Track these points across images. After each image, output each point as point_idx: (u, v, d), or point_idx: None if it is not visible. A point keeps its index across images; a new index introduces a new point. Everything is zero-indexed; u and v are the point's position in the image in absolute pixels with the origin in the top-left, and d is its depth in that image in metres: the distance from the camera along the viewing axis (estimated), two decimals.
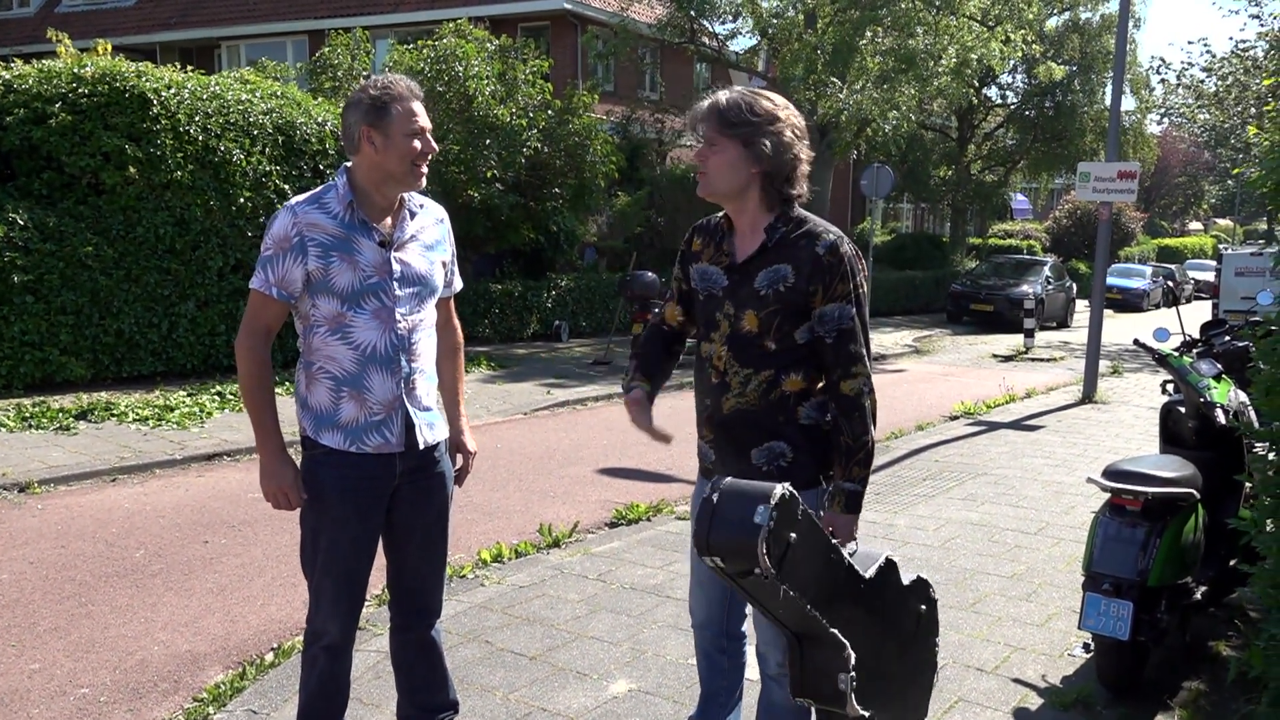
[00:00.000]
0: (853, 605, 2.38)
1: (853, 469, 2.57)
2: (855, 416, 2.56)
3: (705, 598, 2.89)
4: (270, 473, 2.78)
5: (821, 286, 2.55)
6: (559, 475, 7.57)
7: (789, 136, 2.56)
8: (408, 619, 3.06)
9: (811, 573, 2.27)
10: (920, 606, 2.66)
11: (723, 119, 2.53)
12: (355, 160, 2.76)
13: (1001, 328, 21.58)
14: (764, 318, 2.58)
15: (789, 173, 2.58)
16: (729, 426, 2.66)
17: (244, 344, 2.77)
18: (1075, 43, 27.59)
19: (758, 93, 2.60)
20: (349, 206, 2.73)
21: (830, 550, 2.32)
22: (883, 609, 2.51)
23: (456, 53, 13.83)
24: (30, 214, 9.34)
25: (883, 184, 17.91)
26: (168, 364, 10.34)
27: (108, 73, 9.83)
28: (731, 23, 20.47)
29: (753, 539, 2.12)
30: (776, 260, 2.58)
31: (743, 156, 2.54)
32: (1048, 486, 7.31)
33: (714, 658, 2.95)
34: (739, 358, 2.62)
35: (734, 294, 2.63)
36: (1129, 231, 40.56)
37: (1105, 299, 27.77)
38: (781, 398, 2.61)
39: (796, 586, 2.22)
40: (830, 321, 2.56)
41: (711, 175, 2.58)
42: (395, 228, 2.80)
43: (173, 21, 24.77)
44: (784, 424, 2.62)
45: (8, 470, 6.83)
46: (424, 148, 2.73)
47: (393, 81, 2.73)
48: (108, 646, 4.26)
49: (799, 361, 2.60)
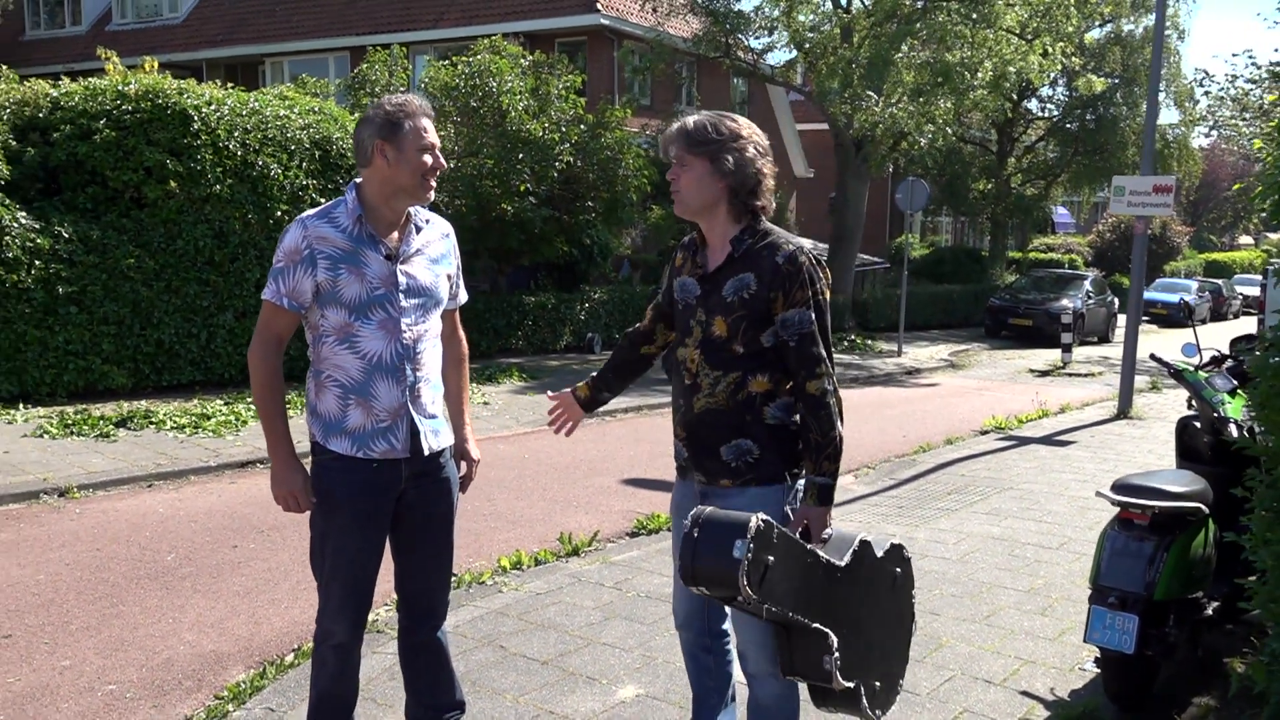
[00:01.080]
0: (831, 593, 2.57)
1: (823, 464, 2.70)
2: (822, 414, 2.70)
3: (686, 596, 2.99)
4: (280, 477, 2.89)
5: (782, 293, 2.71)
6: (583, 485, 7.65)
7: (751, 152, 2.74)
8: (414, 621, 3.14)
9: (791, 585, 2.45)
10: (895, 569, 2.84)
11: (690, 139, 2.74)
12: (366, 174, 2.87)
13: (1040, 342, 21.37)
14: (732, 323, 2.75)
15: (753, 185, 2.76)
16: (699, 425, 2.82)
17: (256, 352, 2.88)
18: (1117, 55, 27.31)
19: (722, 115, 2.79)
20: (358, 221, 2.84)
21: (806, 556, 2.45)
22: (860, 589, 2.69)
23: (490, 69, 14.04)
24: (75, 227, 9.63)
25: (918, 198, 17.86)
26: (206, 373, 10.58)
27: (150, 90, 10.12)
28: (767, 37, 20.52)
29: (734, 570, 2.32)
30: (742, 269, 2.75)
31: (710, 172, 2.73)
32: (1074, 501, 7.26)
33: (699, 658, 3.04)
34: (709, 360, 2.79)
35: (705, 301, 2.81)
36: (1174, 246, 40.00)
37: (1149, 314, 27.25)
38: (748, 398, 2.76)
39: (777, 602, 2.41)
40: (792, 326, 2.72)
41: (684, 193, 2.78)
42: (402, 241, 2.90)
43: (219, 39, 25.32)
44: (750, 422, 2.77)
45: (49, 475, 7.04)
46: (434, 163, 2.85)
47: (406, 100, 2.85)
48: (136, 645, 4.40)
49: (765, 365, 2.76)
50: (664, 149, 2.82)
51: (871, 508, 7.06)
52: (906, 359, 17.64)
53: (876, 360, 17.28)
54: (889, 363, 16.98)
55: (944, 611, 4.90)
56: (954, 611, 4.92)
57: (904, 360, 17.43)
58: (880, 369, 16.21)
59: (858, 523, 6.58)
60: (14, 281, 9.15)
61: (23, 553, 5.60)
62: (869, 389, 14.14)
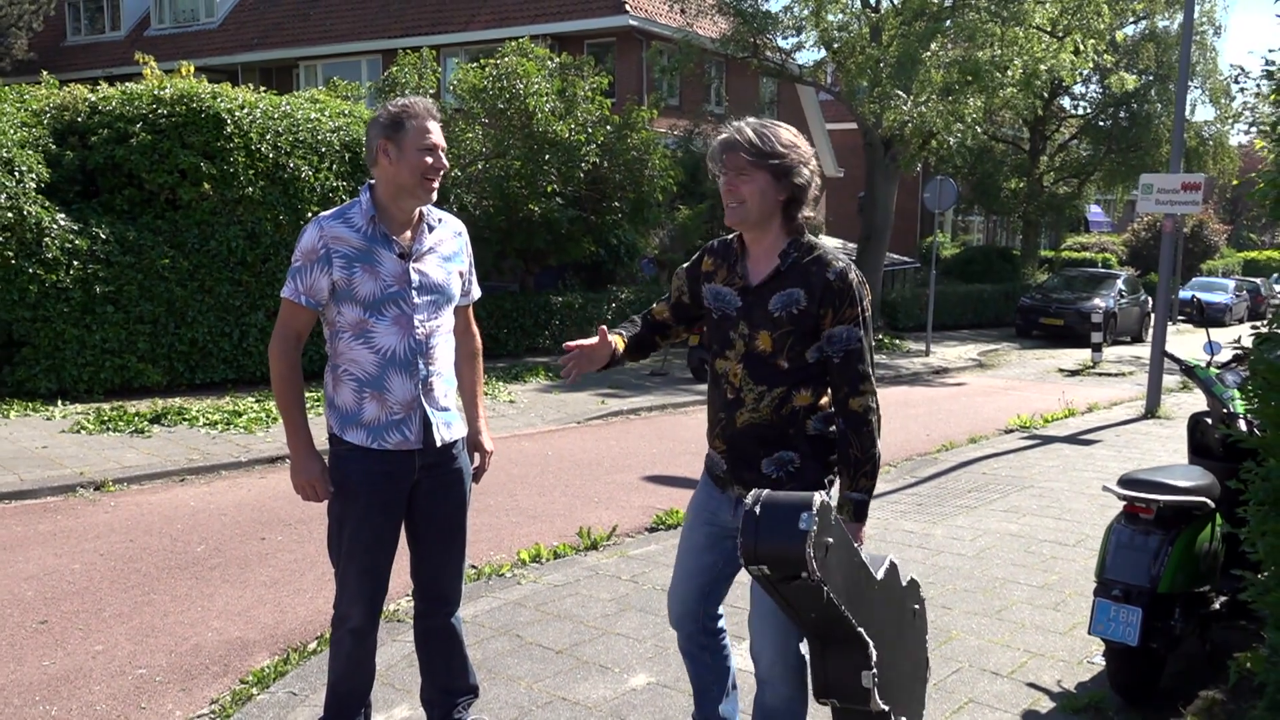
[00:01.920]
0: (870, 605, 2.51)
1: (860, 480, 2.70)
2: (864, 431, 2.69)
3: (680, 596, 3.03)
4: (299, 467, 3.02)
5: (831, 310, 2.69)
6: (605, 481, 7.75)
7: (813, 165, 2.72)
8: (429, 606, 3.26)
9: (844, 575, 2.40)
10: (914, 606, 2.79)
11: (754, 150, 2.66)
12: (376, 174, 2.99)
13: (1071, 342, 21.21)
14: (777, 338, 2.72)
15: (805, 198, 2.73)
16: (742, 439, 2.80)
17: (276, 348, 3.01)
18: (1151, 51, 27.02)
19: (776, 124, 2.73)
20: (371, 221, 2.96)
21: (854, 555, 2.45)
22: (893, 609, 2.64)
23: (517, 70, 14.18)
24: (112, 228, 9.87)
25: (945, 197, 17.81)
26: (238, 371, 10.80)
27: (185, 94, 10.35)
28: (795, 36, 20.52)
29: (800, 545, 2.26)
30: (790, 284, 2.72)
31: (772, 185, 2.68)
32: (1094, 500, 7.26)
33: (696, 655, 3.07)
34: (754, 375, 2.76)
35: (748, 315, 2.77)
36: (1211, 244, 39.49)
37: (1184, 313, 26.84)
38: (792, 412, 2.75)
39: (834, 589, 2.35)
40: (839, 343, 2.70)
41: (749, 204, 2.70)
42: (414, 240, 3.02)
43: (254, 43, 25.71)
44: (794, 435, 2.76)
45: (85, 469, 7.25)
46: (435, 163, 2.95)
47: (412, 102, 2.96)
48: (166, 632, 4.56)
49: (809, 379, 2.75)
50: (718, 156, 2.72)
51: (891, 505, 7.10)
52: (934, 358, 17.60)
53: (904, 359, 17.26)
54: (916, 362, 16.95)
55: (955, 605, 4.95)
56: (965, 605, 4.96)
57: (931, 360, 17.39)
58: (907, 368, 16.18)
59: (876, 519, 6.63)
60: (53, 281, 9.41)
61: (59, 543, 5.79)
62: (895, 388, 14.13)
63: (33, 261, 9.32)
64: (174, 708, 3.87)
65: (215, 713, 3.83)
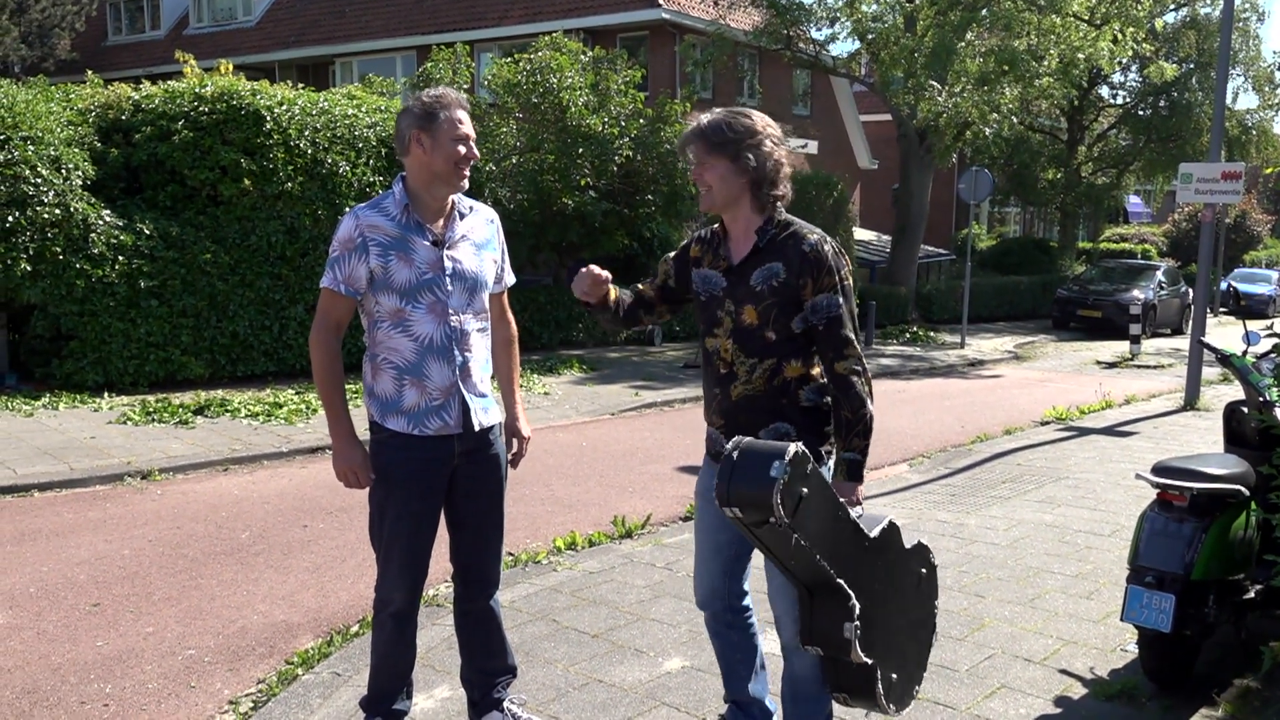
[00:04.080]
0: (857, 562, 2.62)
1: (853, 440, 2.82)
2: (851, 393, 2.82)
3: (707, 575, 3.13)
4: (341, 454, 3.10)
5: (810, 279, 2.83)
6: (639, 472, 7.82)
7: (769, 146, 2.85)
8: (469, 589, 3.34)
9: (821, 527, 2.51)
10: (920, 569, 2.88)
11: (707, 140, 2.85)
12: (408, 164, 3.07)
13: (1110, 334, 20.97)
14: (762, 310, 2.86)
15: (773, 176, 2.87)
16: (738, 412, 2.92)
17: (316, 338, 3.09)
18: (1192, 39, 26.63)
19: (735, 111, 2.90)
20: (405, 209, 3.04)
21: (838, 509, 2.55)
22: (885, 568, 2.74)
23: (551, 65, 14.26)
24: (155, 224, 10.08)
25: (981, 188, 17.69)
26: (279, 364, 10.99)
27: (226, 92, 10.53)
28: (829, 28, 20.45)
29: (768, 491, 2.38)
30: (768, 259, 2.87)
31: (731, 170, 2.84)
32: (1130, 491, 7.22)
33: (723, 635, 3.16)
34: (744, 349, 2.90)
35: (733, 292, 2.92)
36: (1254, 235, 38.83)
37: (1227, 304, 26.48)
38: (784, 383, 2.88)
39: (807, 537, 2.46)
40: (821, 311, 2.84)
41: (714, 191, 2.89)
42: (447, 228, 3.09)
43: (291, 40, 25.99)
44: (787, 406, 2.88)
45: (132, 459, 7.43)
46: (467, 153, 3.03)
47: (443, 92, 3.05)
48: (213, 615, 4.69)
49: (797, 350, 2.88)
50: (681, 150, 2.93)
51: (924, 495, 7.11)
52: (969, 350, 17.50)
53: (938, 352, 17.18)
54: (951, 354, 16.86)
55: (989, 594, 4.97)
56: (999, 594, 4.98)
57: (966, 352, 17.30)
58: (942, 360, 16.11)
59: (909, 509, 6.65)
60: (99, 276, 9.62)
61: (109, 530, 5.95)
62: (929, 380, 14.09)
63: (80, 257, 9.54)
64: (222, 686, 3.99)
65: (263, 691, 3.95)
